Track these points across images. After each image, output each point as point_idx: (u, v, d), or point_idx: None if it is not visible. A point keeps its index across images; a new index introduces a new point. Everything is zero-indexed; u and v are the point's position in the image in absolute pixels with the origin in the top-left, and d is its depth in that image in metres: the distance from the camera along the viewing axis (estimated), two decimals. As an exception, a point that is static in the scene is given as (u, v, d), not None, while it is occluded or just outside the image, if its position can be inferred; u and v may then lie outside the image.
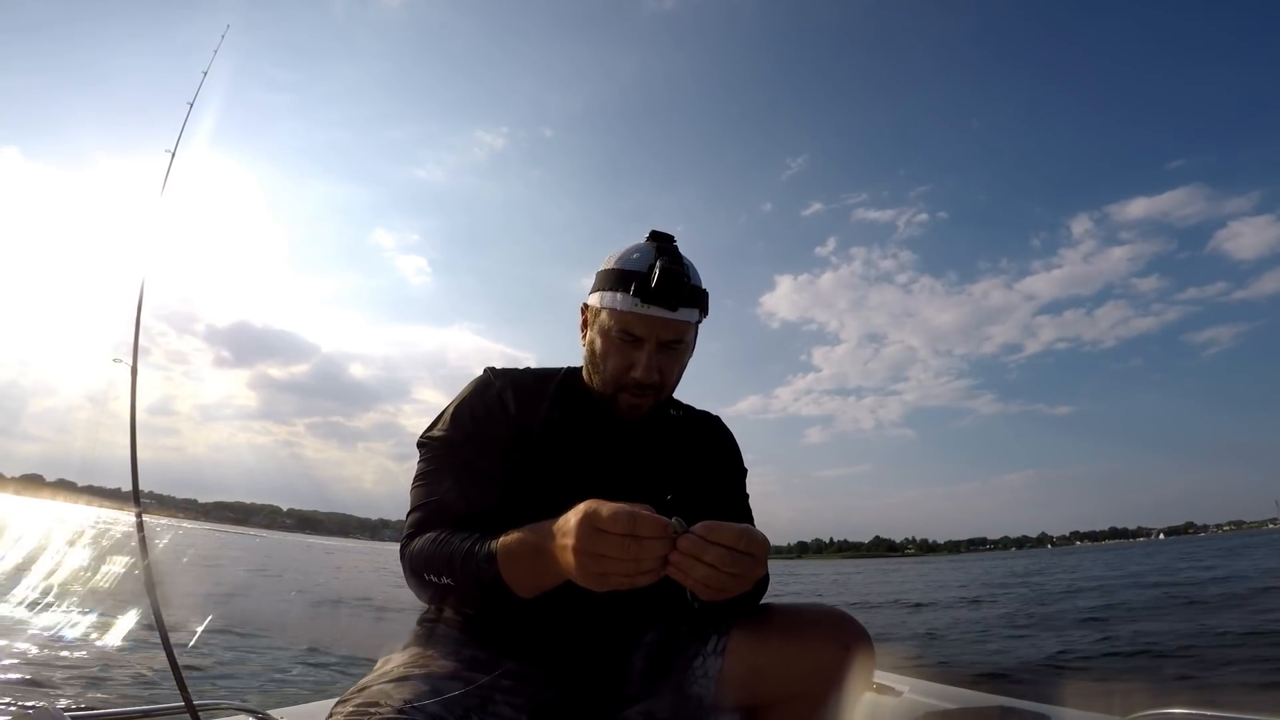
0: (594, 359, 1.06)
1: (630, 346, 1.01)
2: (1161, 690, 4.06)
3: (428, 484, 1.01)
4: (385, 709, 0.80)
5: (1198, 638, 5.95)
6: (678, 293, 0.98)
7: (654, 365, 1.01)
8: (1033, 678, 4.71)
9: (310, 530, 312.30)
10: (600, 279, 1.04)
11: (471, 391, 1.08)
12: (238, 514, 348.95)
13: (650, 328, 1.00)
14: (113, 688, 3.80)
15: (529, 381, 1.11)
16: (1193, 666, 4.76)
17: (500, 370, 1.12)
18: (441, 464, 1.02)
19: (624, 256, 1.03)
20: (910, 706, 1.56)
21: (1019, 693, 1.67)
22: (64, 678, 3.86)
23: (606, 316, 1.02)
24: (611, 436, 1.09)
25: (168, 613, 1.22)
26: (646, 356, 1.01)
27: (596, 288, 1.05)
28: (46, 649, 4.65)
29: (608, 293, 1.02)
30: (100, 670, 4.15)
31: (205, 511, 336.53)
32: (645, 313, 0.99)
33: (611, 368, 1.03)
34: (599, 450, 1.08)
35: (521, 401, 1.07)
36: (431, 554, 0.91)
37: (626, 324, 1.00)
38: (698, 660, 0.97)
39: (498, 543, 0.86)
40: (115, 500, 23.35)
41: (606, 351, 1.03)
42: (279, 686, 4.33)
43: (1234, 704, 2.81)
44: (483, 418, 1.05)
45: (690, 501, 1.02)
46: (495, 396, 1.07)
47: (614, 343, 1.02)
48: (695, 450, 1.16)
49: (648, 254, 1.01)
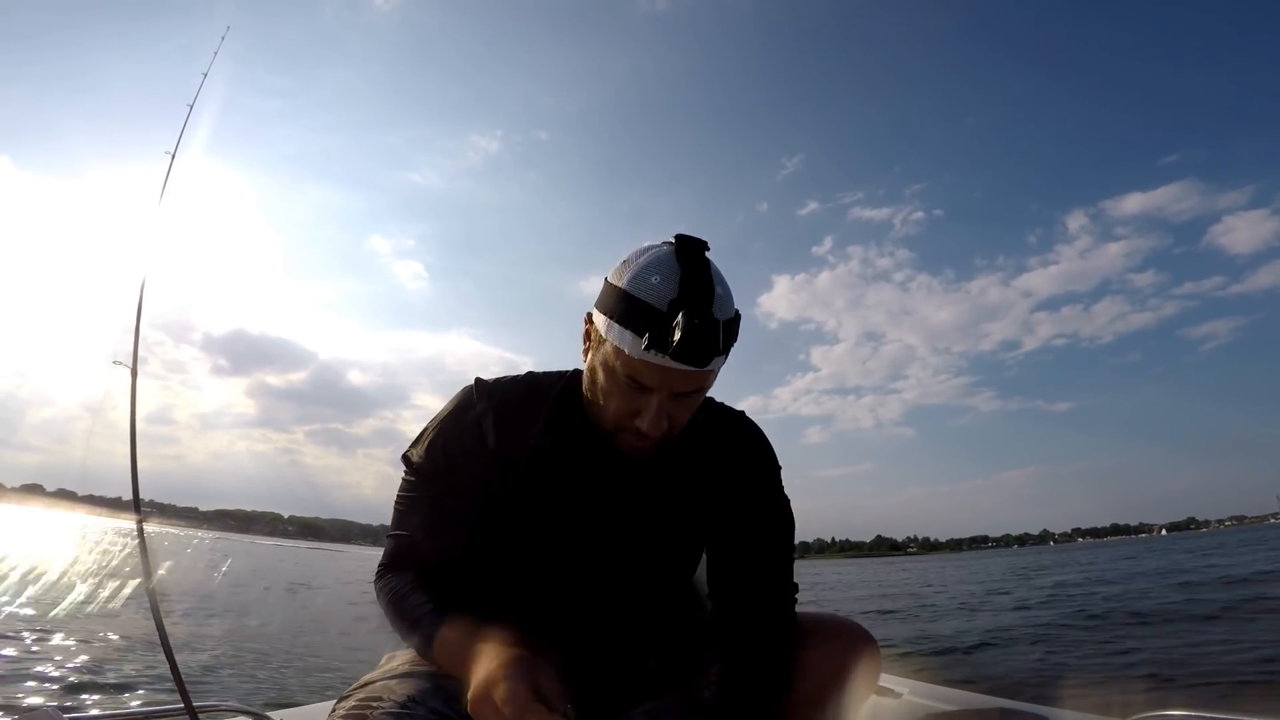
0: (594, 389, 0.91)
1: (636, 392, 0.85)
2: (1161, 691, 4.06)
3: (400, 514, 0.96)
4: (387, 704, 0.81)
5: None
6: (705, 352, 0.80)
7: (663, 416, 0.86)
8: (1032, 679, 4.71)
9: (312, 537, 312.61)
10: (610, 299, 0.86)
11: (449, 415, 0.95)
12: (239, 521, 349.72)
13: (664, 379, 0.83)
14: (112, 689, 3.80)
15: (519, 399, 0.97)
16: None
17: (486, 386, 0.97)
18: (414, 496, 0.95)
19: (640, 277, 0.83)
20: (910, 708, 1.56)
21: (1018, 694, 1.67)
22: (63, 679, 3.87)
23: (612, 352, 0.85)
24: (609, 469, 0.96)
25: (166, 614, 1.22)
26: (656, 408, 0.85)
27: (604, 307, 0.86)
28: (46, 651, 4.65)
29: (616, 325, 0.84)
30: (99, 672, 4.15)
31: (207, 519, 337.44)
32: (658, 363, 0.82)
33: (613, 410, 0.88)
34: (592, 484, 0.96)
35: (505, 427, 0.94)
36: (390, 609, 0.92)
37: (635, 370, 0.84)
38: (713, 668, 0.97)
39: (437, 637, 0.85)
40: (116, 509, 22.98)
41: (609, 391, 0.88)
42: (278, 688, 4.33)
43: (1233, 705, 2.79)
44: (456, 450, 0.93)
45: (704, 523, 1.01)
46: (473, 423, 0.94)
47: (619, 384, 0.86)
48: (712, 474, 1.01)
49: (669, 282, 0.82)
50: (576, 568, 0.96)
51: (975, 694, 1.68)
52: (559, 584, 0.96)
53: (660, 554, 1.00)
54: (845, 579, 28.12)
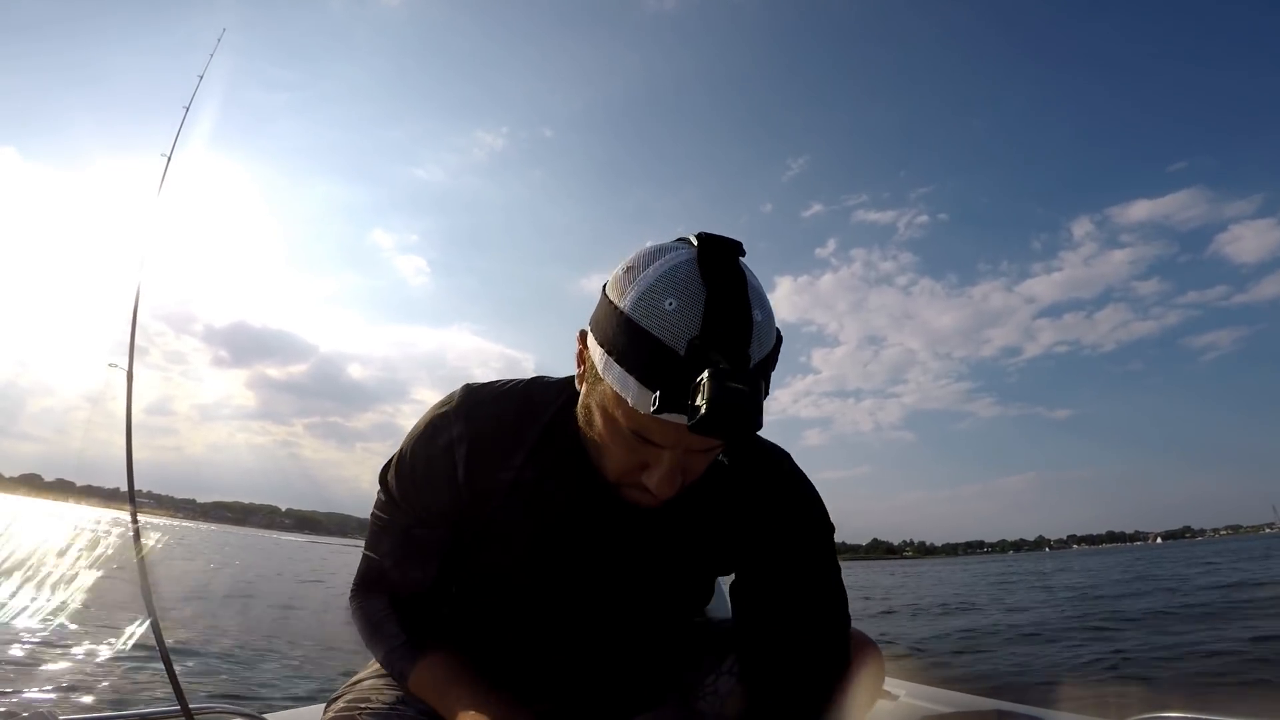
0: (590, 431, 0.74)
1: (643, 445, 0.69)
2: (1157, 692, 4.07)
3: (373, 535, 0.89)
4: (376, 704, 0.81)
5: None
6: (740, 424, 0.57)
7: (677, 476, 0.70)
8: (1029, 682, 4.71)
9: (309, 530, 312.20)
10: (609, 325, 0.66)
11: (420, 438, 0.82)
12: (236, 514, 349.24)
13: (680, 438, 0.66)
14: (107, 691, 3.78)
15: (503, 423, 0.81)
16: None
17: (467, 406, 0.82)
18: (385, 520, 0.87)
19: (651, 300, 0.63)
20: (907, 711, 1.56)
21: (1015, 696, 1.67)
22: (58, 681, 3.85)
23: (612, 400, 0.67)
24: (602, 509, 0.81)
25: (163, 615, 1.22)
26: (668, 466, 0.69)
27: (602, 335, 0.68)
28: (40, 653, 4.63)
29: (616, 367, 0.65)
30: (94, 674, 4.14)
31: (204, 511, 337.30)
32: (672, 419, 0.63)
33: (614, 461, 0.72)
34: (580, 524, 0.82)
35: (479, 458, 0.80)
36: (361, 632, 0.89)
37: (643, 428, 0.67)
38: (710, 677, 0.94)
39: (411, 675, 0.82)
40: (114, 501, 23.07)
41: (609, 440, 0.71)
42: (274, 689, 4.31)
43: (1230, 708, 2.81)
44: (423, 479, 0.82)
45: (705, 576, 0.92)
46: (443, 451, 0.80)
47: (621, 437, 0.69)
48: (736, 526, 0.85)
49: (689, 310, 0.62)
50: (557, 613, 0.87)
51: (972, 696, 1.68)
52: (538, 627, 0.89)
53: (657, 604, 0.90)
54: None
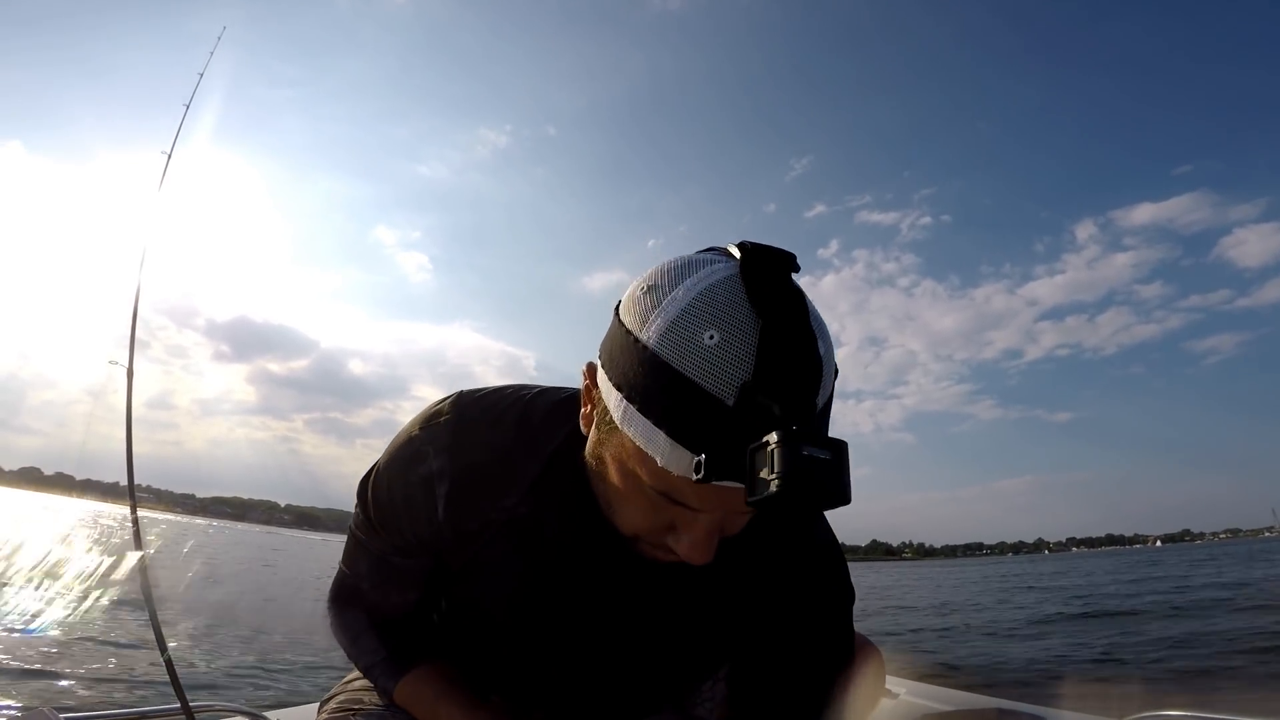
0: (602, 484, 0.61)
1: (671, 506, 0.56)
2: (1158, 691, 4.07)
3: (349, 552, 0.83)
4: (369, 705, 0.81)
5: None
6: (828, 502, 0.44)
7: (715, 539, 0.57)
8: (1029, 679, 4.71)
9: (308, 526, 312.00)
10: (629, 363, 0.52)
11: (397, 464, 0.72)
12: (235, 509, 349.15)
13: (720, 503, 0.53)
14: (108, 689, 3.79)
15: (494, 458, 0.69)
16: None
17: (451, 437, 0.70)
18: (361, 542, 0.80)
19: (685, 330, 0.50)
20: (907, 709, 1.56)
21: (1016, 694, 1.67)
22: (58, 679, 3.85)
23: (635, 455, 0.54)
24: (607, 557, 0.69)
25: (163, 613, 1.22)
26: (704, 534, 0.56)
27: (619, 375, 0.54)
28: (41, 650, 4.63)
29: (640, 419, 0.51)
30: (95, 672, 4.14)
31: (203, 507, 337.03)
32: (718, 486, 0.50)
33: (633, 522, 0.60)
34: (579, 571, 0.71)
35: (465, 496, 0.69)
36: (340, 642, 0.86)
37: (675, 490, 0.53)
38: (708, 683, 0.92)
39: (396, 690, 0.80)
40: (113, 495, 22.90)
41: (626, 498, 0.58)
42: (275, 687, 4.32)
43: (1230, 706, 2.79)
44: (399, 511, 0.72)
45: (729, 643, 0.83)
46: (422, 484, 0.70)
47: (644, 496, 0.57)
48: (755, 585, 0.75)
49: (740, 347, 0.48)
50: (545, 659, 0.80)
51: (972, 694, 1.68)
52: (524, 669, 0.83)
53: (657, 664, 0.82)
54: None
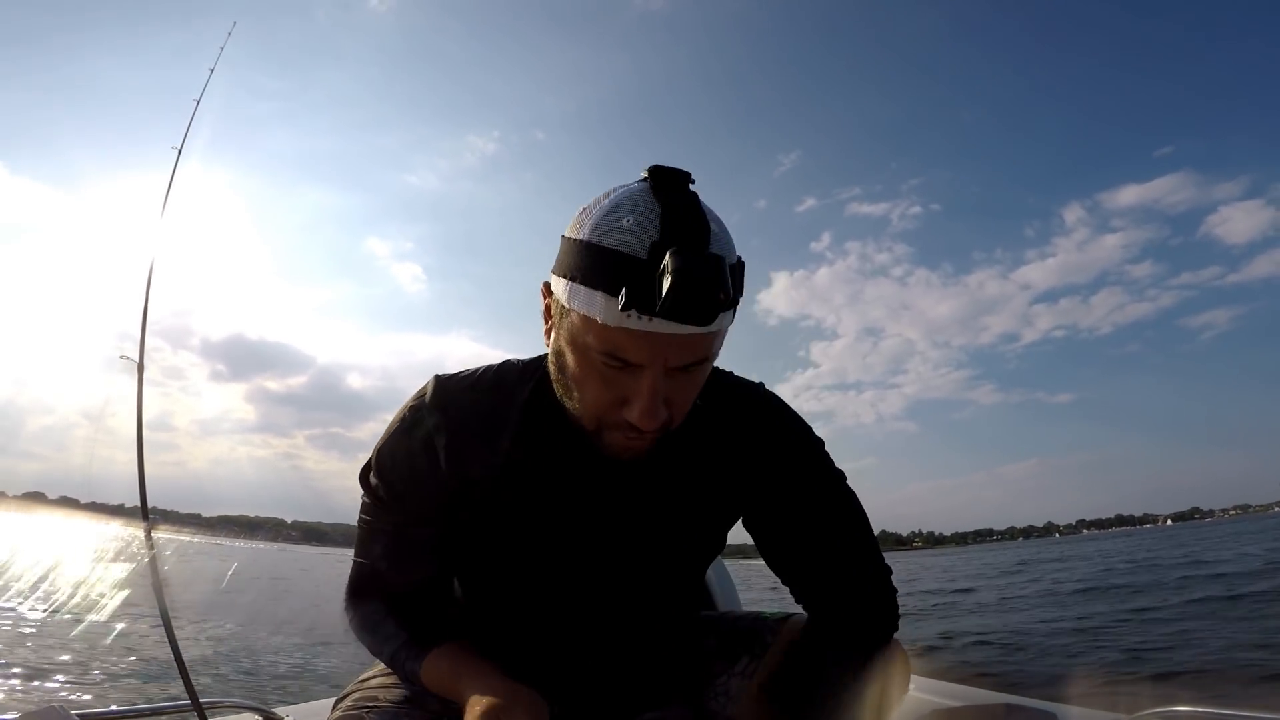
0: (563, 378, 0.70)
1: (621, 374, 0.64)
2: (1167, 687, 4.05)
3: (361, 541, 0.85)
4: (384, 704, 0.80)
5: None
6: (706, 306, 0.57)
7: (659, 402, 0.64)
8: (1038, 675, 4.70)
9: (316, 542, 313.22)
10: (570, 256, 0.64)
11: (397, 431, 0.78)
12: (243, 527, 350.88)
13: (655, 350, 0.61)
14: (119, 687, 3.82)
15: (481, 409, 0.77)
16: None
17: (441, 396, 0.78)
18: (372, 522, 0.82)
19: (607, 219, 0.62)
20: (916, 704, 1.56)
21: (1024, 690, 1.67)
22: (71, 678, 3.89)
23: (580, 325, 0.63)
24: (590, 476, 0.77)
25: (174, 611, 1.23)
26: (649, 391, 0.63)
27: (563, 269, 0.65)
28: (54, 649, 4.67)
29: (581, 289, 0.62)
30: (107, 670, 4.18)
31: (210, 526, 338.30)
32: (646, 329, 0.60)
33: (591, 400, 0.67)
34: (579, 498, 0.78)
35: (461, 444, 0.76)
36: (368, 639, 0.86)
37: (616, 345, 0.62)
38: (722, 678, 0.91)
39: (420, 670, 0.79)
40: (120, 516, 23.24)
41: (583, 376, 0.66)
42: (285, 684, 4.34)
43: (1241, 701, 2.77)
44: (405, 475, 0.77)
45: (713, 532, 0.88)
46: (422, 443, 0.76)
47: (594, 367, 0.65)
48: (730, 465, 0.82)
49: (647, 221, 0.61)
50: (564, 593, 0.84)
51: (981, 689, 1.67)
52: (545, 610, 0.86)
53: (662, 567, 0.87)
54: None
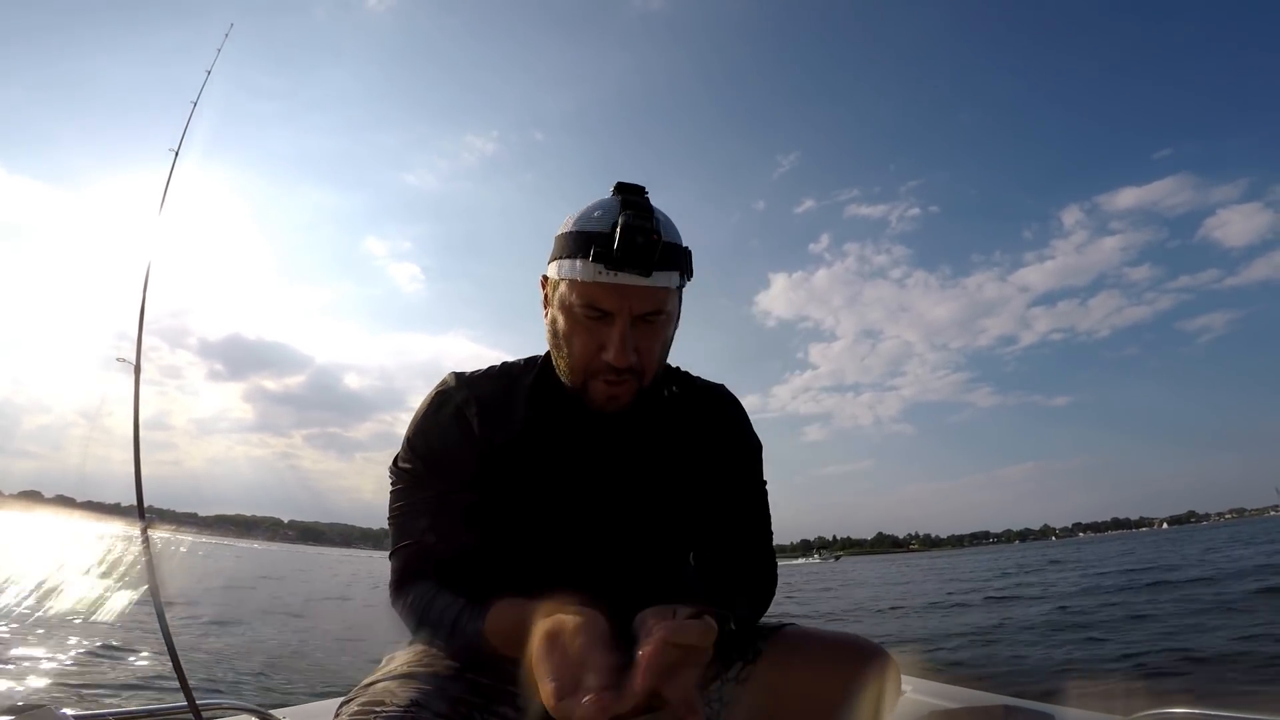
0: (557, 341, 0.90)
1: (598, 324, 0.85)
2: (1165, 688, 4.05)
3: (403, 521, 0.93)
4: (390, 708, 0.78)
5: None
6: (648, 252, 0.81)
7: (629, 344, 0.85)
8: (1036, 677, 4.70)
9: (313, 541, 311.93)
10: (557, 245, 0.89)
11: (427, 412, 0.94)
12: (239, 527, 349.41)
13: (620, 299, 0.84)
14: (115, 688, 3.81)
15: (497, 385, 0.97)
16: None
17: (462, 378, 0.97)
18: (414, 500, 0.92)
19: (583, 216, 0.87)
20: (914, 706, 1.56)
21: (1022, 692, 1.67)
22: (66, 679, 3.87)
23: (566, 289, 0.86)
24: (592, 435, 0.94)
25: (170, 612, 1.22)
26: (619, 334, 0.84)
27: (554, 256, 0.89)
28: (49, 650, 4.66)
29: (565, 260, 0.86)
30: (103, 671, 4.16)
31: (207, 525, 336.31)
32: (612, 280, 0.82)
33: (578, 350, 0.87)
34: (579, 454, 0.94)
35: (488, 413, 0.93)
36: (419, 620, 0.88)
37: (591, 296, 0.84)
38: (715, 683, 0.92)
39: (484, 623, 0.82)
40: (116, 515, 22.75)
41: (570, 331, 0.87)
42: (282, 686, 4.33)
43: (1238, 703, 2.78)
44: (444, 444, 0.92)
45: (694, 494, 1.00)
46: (454, 414, 0.93)
47: (578, 320, 0.86)
48: (694, 436, 1.01)
49: (611, 211, 0.85)
50: (581, 543, 0.94)
51: (979, 691, 1.67)
52: (568, 562, 0.94)
53: (657, 518, 0.98)
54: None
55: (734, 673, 0.92)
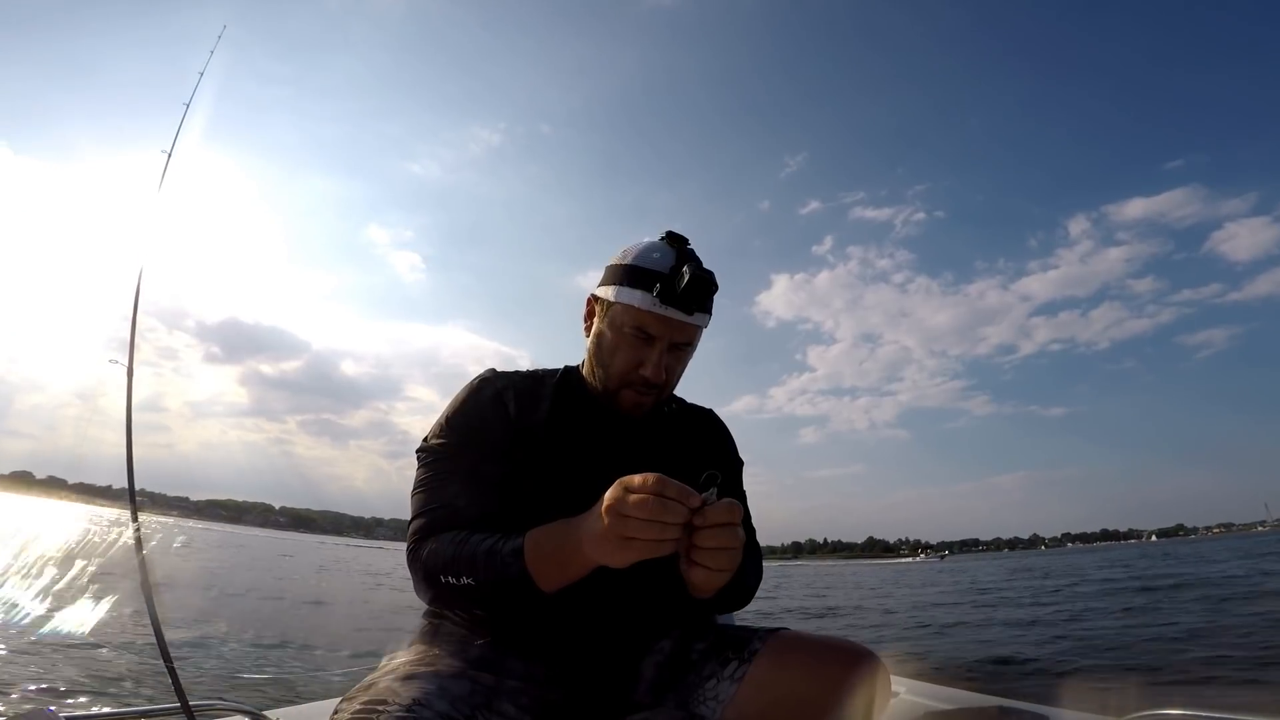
0: (600, 352, 1.07)
1: (642, 344, 1.02)
2: (1158, 690, 4.07)
3: (431, 489, 0.99)
4: (393, 707, 0.79)
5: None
6: (703, 300, 1.02)
7: (663, 365, 1.03)
8: (1030, 678, 4.72)
9: (304, 529, 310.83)
10: (615, 273, 1.05)
11: (470, 393, 1.08)
12: (230, 512, 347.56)
13: (665, 328, 1.01)
14: (107, 689, 3.78)
15: (529, 381, 1.12)
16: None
17: (499, 372, 1.13)
18: (445, 469, 1.01)
19: (643, 254, 1.04)
20: (908, 708, 1.56)
21: (1016, 693, 1.67)
22: (57, 679, 3.85)
23: (621, 312, 1.03)
24: (612, 433, 1.09)
25: (162, 612, 1.22)
26: (658, 355, 1.02)
27: (611, 281, 1.05)
28: (39, 650, 4.63)
29: (625, 288, 1.02)
30: (94, 671, 4.14)
31: (197, 510, 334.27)
32: (663, 313, 1.00)
33: (620, 363, 1.04)
34: (601, 447, 1.08)
35: (521, 402, 1.07)
36: (451, 555, 0.89)
37: (643, 322, 1.01)
38: (711, 682, 0.96)
39: (524, 536, 0.87)
40: (106, 498, 22.73)
41: (616, 346, 1.04)
42: (276, 686, 4.32)
43: (1230, 705, 2.80)
44: (483, 420, 1.05)
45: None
46: (494, 397, 1.07)
47: (625, 339, 1.03)
48: (692, 444, 1.17)
49: (668, 255, 1.03)
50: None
51: (973, 693, 1.68)
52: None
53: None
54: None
55: (730, 671, 0.95)
